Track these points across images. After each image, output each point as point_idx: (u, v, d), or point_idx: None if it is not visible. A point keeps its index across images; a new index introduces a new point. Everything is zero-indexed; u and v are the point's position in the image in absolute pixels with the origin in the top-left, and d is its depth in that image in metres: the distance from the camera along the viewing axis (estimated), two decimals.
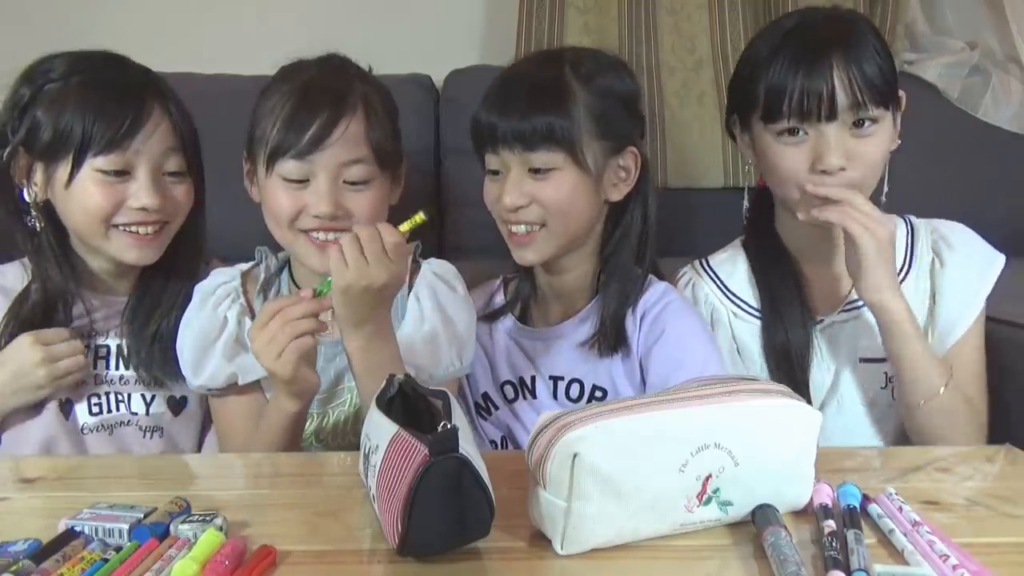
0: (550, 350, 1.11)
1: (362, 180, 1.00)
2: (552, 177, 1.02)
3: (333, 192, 0.99)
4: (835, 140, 1.01)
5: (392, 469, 0.58)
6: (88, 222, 1.04)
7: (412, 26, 1.77)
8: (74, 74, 1.03)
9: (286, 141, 0.97)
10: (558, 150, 1.01)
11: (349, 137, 0.98)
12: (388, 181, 1.05)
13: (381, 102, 1.04)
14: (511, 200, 1.03)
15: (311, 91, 0.99)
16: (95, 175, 1.01)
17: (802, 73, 1.00)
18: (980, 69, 1.61)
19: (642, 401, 0.63)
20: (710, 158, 1.62)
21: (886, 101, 1.01)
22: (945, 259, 1.10)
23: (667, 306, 1.07)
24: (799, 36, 1.04)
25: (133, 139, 1.02)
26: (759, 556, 0.60)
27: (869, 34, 1.03)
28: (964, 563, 0.56)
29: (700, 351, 1.04)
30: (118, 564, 0.57)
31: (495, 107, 1.03)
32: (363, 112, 1.00)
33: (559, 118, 1.00)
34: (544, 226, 1.04)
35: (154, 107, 1.05)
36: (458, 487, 0.57)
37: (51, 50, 1.07)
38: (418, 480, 0.55)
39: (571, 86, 1.02)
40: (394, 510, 0.57)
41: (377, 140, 1.00)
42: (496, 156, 1.04)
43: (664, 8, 1.67)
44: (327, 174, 0.98)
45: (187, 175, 1.09)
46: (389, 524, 0.59)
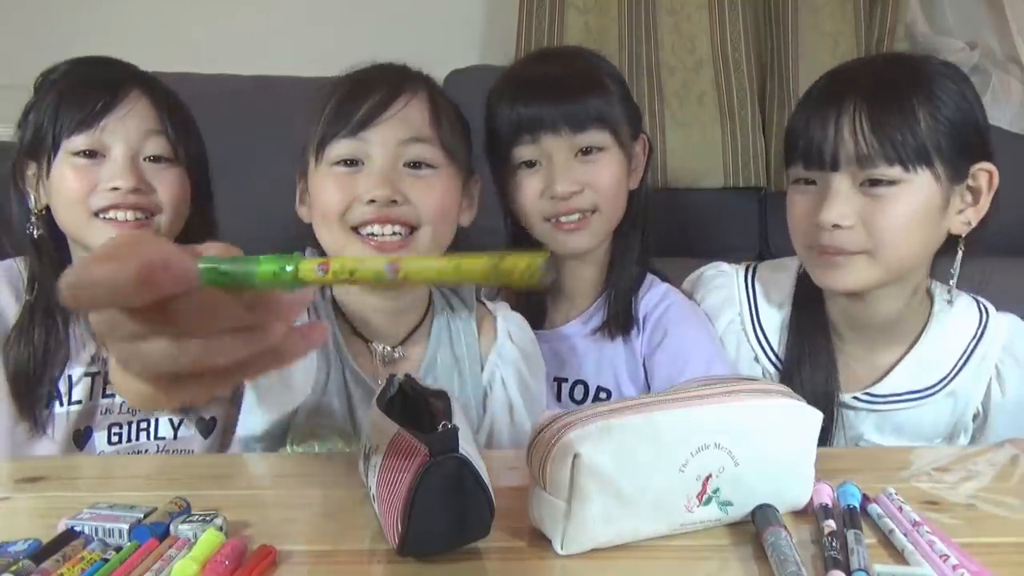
0: (555, 352, 1.10)
1: (426, 163, 0.88)
2: (602, 159, 1.01)
3: (390, 173, 0.85)
4: (836, 193, 0.90)
5: (392, 469, 0.58)
6: (68, 209, 1.00)
7: (412, 26, 1.77)
8: (65, 74, 1.03)
9: (338, 118, 0.86)
10: (605, 130, 1.00)
11: (412, 112, 0.87)
12: (458, 181, 0.92)
13: (450, 104, 0.95)
14: (565, 186, 0.99)
15: (367, 74, 0.90)
16: (69, 159, 0.99)
17: (813, 114, 0.92)
18: (980, 69, 1.61)
19: (642, 401, 0.63)
20: (710, 158, 1.63)
21: (909, 162, 0.88)
22: (1007, 386, 0.99)
23: (668, 308, 1.07)
24: (832, 74, 0.97)
25: (105, 118, 0.99)
26: (759, 556, 0.60)
27: (929, 83, 0.90)
28: (964, 563, 0.56)
29: (704, 353, 1.04)
30: (118, 564, 0.57)
31: (534, 95, 0.99)
32: (428, 94, 0.90)
33: (604, 100, 1.00)
34: (595, 211, 1.02)
35: (132, 89, 1.01)
36: (458, 487, 0.57)
37: (50, 50, 1.07)
38: (418, 480, 0.55)
39: (601, 73, 1.03)
40: (394, 510, 0.57)
41: (444, 124, 0.90)
42: (535, 146, 1.00)
43: (664, 8, 1.67)
44: (384, 152, 0.86)
45: (174, 162, 1.04)
46: (389, 524, 0.59)
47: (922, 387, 1.00)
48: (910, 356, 1.01)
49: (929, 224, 0.91)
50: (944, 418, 1.01)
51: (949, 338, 1.01)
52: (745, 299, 1.08)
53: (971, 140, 0.91)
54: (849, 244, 0.91)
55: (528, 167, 1.02)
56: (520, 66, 1.09)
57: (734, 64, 1.69)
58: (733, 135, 1.68)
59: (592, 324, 1.09)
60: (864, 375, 1.02)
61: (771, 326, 1.06)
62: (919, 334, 1.01)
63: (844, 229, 0.90)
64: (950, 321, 1.01)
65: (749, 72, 1.70)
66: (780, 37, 1.69)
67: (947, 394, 1.00)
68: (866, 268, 0.92)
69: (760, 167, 1.69)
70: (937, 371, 1.00)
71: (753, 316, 1.07)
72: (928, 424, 1.01)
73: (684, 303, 1.09)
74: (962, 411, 1.01)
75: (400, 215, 0.86)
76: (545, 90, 1.00)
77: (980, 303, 1.03)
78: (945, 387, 1.00)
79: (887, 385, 1.01)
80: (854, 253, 0.91)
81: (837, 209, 0.90)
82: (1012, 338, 1.01)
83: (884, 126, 0.88)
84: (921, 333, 1.01)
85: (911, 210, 0.89)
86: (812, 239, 0.94)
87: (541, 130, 0.99)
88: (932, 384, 1.00)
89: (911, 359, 1.00)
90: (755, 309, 1.07)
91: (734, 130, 1.68)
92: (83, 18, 1.76)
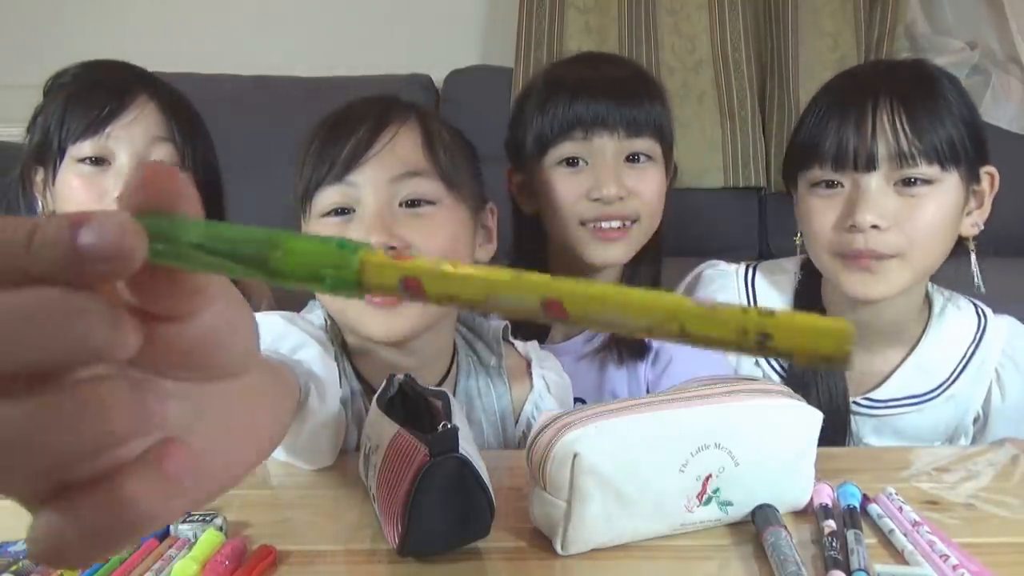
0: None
1: (425, 200, 0.77)
2: (648, 168, 0.98)
3: (384, 218, 0.74)
4: (872, 193, 0.87)
5: (392, 469, 0.58)
6: None
7: (412, 26, 1.77)
8: (74, 77, 1.03)
9: (321, 165, 0.76)
10: (657, 141, 0.98)
11: (400, 144, 0.77)
12: (465, 214, 0.81)
13: (449, 130, 0.84)
14: (613, 190, 0.93)
15: (348, 111, 0.80)
16: (75, 166, 0.98)
17: (839, 115, 0.89)
18: (980, 69, 1.61)
19: (642, 401, 0.63)
20: (710, 158, 1.63)
21: (946, 161, 0.87)
22: (1007, 391, 0.98)
23: None
24: (849, 75, 0.95)
25: (111, 124, 0.98)
26: (759, 556, 0.60)
27: (943, 87, 0.90)
28: (964, 563, 0.56)
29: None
30: (118, 564, 0.57)
31: (596, 90, 0.95)
32: (418, 123, 0.79)
33: (661, 109, 0.98)
34: (636, 221, 0.97)
35: (139, 94, 1.00)
36: (458, 487, 0.57)
37: (52, 51, 1.08)
38: (418, 480, 0.55)
39: (653, 81, 1.01)
40: (394, 510, 0.57)
41: (442, 153, 0.79)
42: (585, 143, 0.95)
43: (664, 8, 1.68)
44: (376, 196, 0.75)
45: (180, 169, 1.02)
46: (389, 524, 0.59)
47: (922, 392, 1.00)
48: (909, 361, 1.00)
49: (953, 226, 0.91)
50: (944, 422, 1.00)
51: (948, 342, 1.00)
52: (745, 301, 1.06)
53: (982, 142, 0.91)
54: (885, 246, 0.88)
55: (569, 165, 0.97)
56: (567, 67, 1.03)
57: (734, 64, 1.69)
58: (733, 135, 1.68)
59: (595, 342, 1.03)
60: (864, 380, 1.01)
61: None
62: (918, 339, 1.01)
63: (880, 231, 0.88)
64: (949, 325, 1.00)
65: (749, 72, 1.70)
66: (780, 37, 1.69)
67: (947, 398, 0.99)
68: (898, 273, 0.90)
69: (760, 167, 1.69)
70: (937, 375, 1.00)
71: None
72: (928, 428, 1.00)
73: None
74: (962, 415, 1.00)
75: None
76: (608, 90, 0.96)
77: (978, 307, 1.02)
78: (945, 391, 0.99)
79: (887, 390, 1.00)
80: (888, 256, 0.89)
81: (875, 209, 0.87)
82: (1012, 341, 1.00)
83: (923, 123, 0.86)
84: (920, 338, 1.00)
85: (943, 211, 0.88)
86: (842, 246, 0.90)
87: (597, 127, 0.94)
88: (932, 389, 1.00)
89: (910, 364, 1.00)
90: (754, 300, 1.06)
91: (734, 130, 1.68)
92: (84, 19, 1.76)
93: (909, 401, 1.00)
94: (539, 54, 1.65)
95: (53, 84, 1.04)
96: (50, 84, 1.05)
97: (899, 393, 1.00)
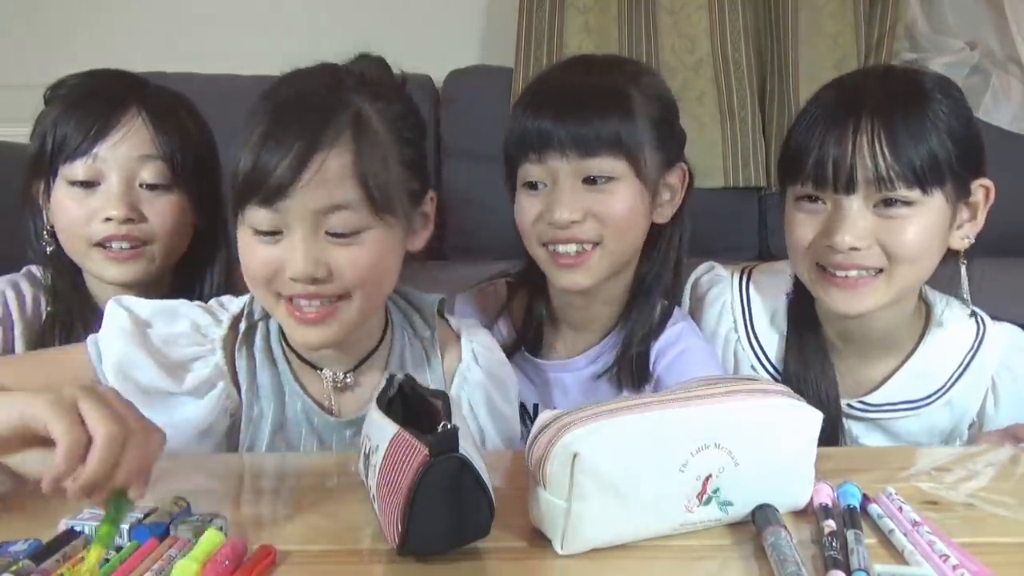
0: (555, 383, 1.04)
1: (349, 232, 0.77)
2: (611, 188, 0.92)
3: (311, 248, 0.76)
4: (852, 215, 0.88)
5: (392, 469, 0.58)
6: (68, 238, 1.01)
7: (412, 26, 1.77)
8: (70, 88, 1.03)
9: (251, 183, 0.76)
10: (620, 157, 0.91)
11: (329, 176, 0.75)
12: (392, 228, 0.81)
13: (388, 124, 0.81)
14: (566, 214, 0.90)
15: (285, 114, 0.78)
16: (67, 188, 0.99)
17: (824, 133, 0.88)
18: (980, 69, 1.62)
19: (642, 401, 0.63)
20: (710, 158, 1.63)
21: (927, 183, 0.86)
22: (1000, 400, 0.98)
23: (683, 354, 0.99)
24: (837, 86, 0.94)
25: (99, 144, 0.98)
26: (759, 556, 0.60)
27: (932, 102, 0.89)
28: (964, 563, 0.56)
29: None
30: (118, 564, 0.57)
31: (547, 111, 0.91)
32: (351, 140, 0.77)
33: (624, 123, 0.91)
34: (598, 244, 0.93)
35: (128, 108, 0.99)
36: (458, 487, 0.57)
37: (52, 51, 1.08)
38: (418, 480, 0.55)
39: (631, 91, 0.93)
40: (394, 510, 0.57)
41: (372, 178, 0.77)
42: (541, 166, 0.92)
43: (664, 8, 1.68)
44: (302, 225, 0.76)
45: (172, 189, 1.02)
46: (389, 524, 0.59)
47: (917, 397, 1.00)
48: (906, 367, 1.00)
49: (938, 242, 0.91)
50: (940, 427, 1.00)
51: (946, 349, 1.00)
52: (740, 307, 1.06)
53: (974, 156, 0.91)
54: (865, 261, 0.89)
55: (531, 188, 0.94)
56: (546, 77, 1.00)
57: (734, 64, 1.69)
58: (733, 135, 1.68)
59: (599, 364, 1.01)
60: (859, 384, 1.01)
61: (765, 334, 1.04)
62: (915, 346, 1.00)
63: (859, 251, 0.88)
64: (947, 333, 1.00)
65: (749, 72, 1.70)
66: (780, 37, 1.69)
67: (943, 404, 0.99)
68: (879, 290, 0.90)
69: (760, 167, 1.69)
70: (933, 382, 1.00)
71: (747, 325, 1.05)
72: (923, 433, 1.01)
73: (701, 348, 1.01)
74: (958, 421, 1.00)
75: (326, 290, 0.78)
76: (557, 105, 0.91)
77: (977, 314, 1.02)
78: (941, 398, 0.99)
79: (882, 395, 1.00)
80: (870, 270, 0.90)
81: (853, 231, 0.88)
82: (1009, 350, 1.00)
83: (903, 147, 0.86)
84: (917, 345, 1.00)
85: (925, 230, 0.88)
86: (822, 259, 0.91)
87: (547, 150, 0.91)
88: (928, 395, 1.00)
89: (907, 370, 1.00)
90: (749, 318, 1.05)
91: (734, 130, 1.68)
92: (85, 20, 1.76)
93: (905, 406, 1.00)
94: (539, 54, 1.65)
95: (52, 95, 1.04)
96: (49, 94, 1.05)
97: (895, 398, 1.00)
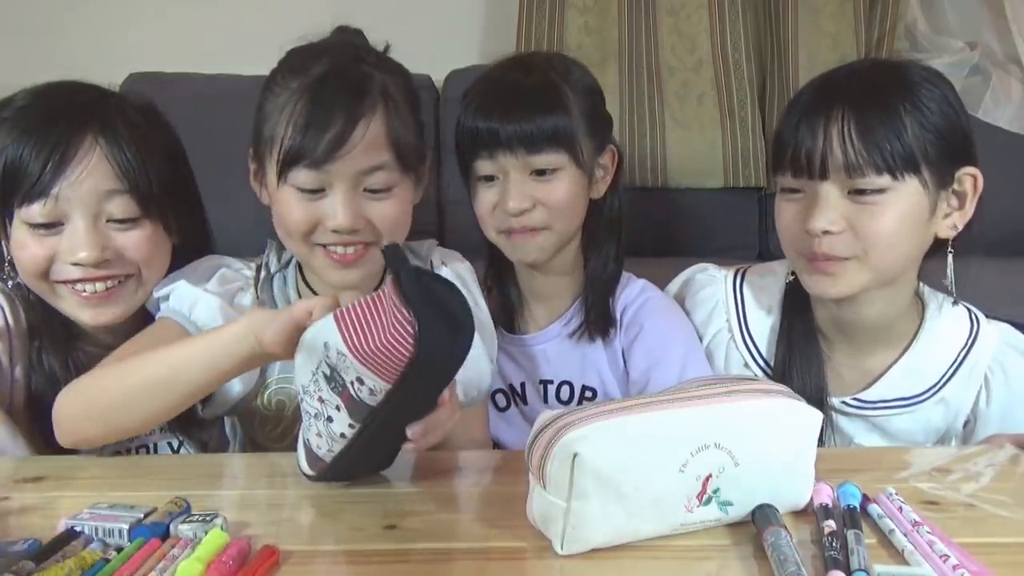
0: (539, 354, 1.11)
1: (384, 188, 0.91)
2: (555, 178, 1.02)
3: (353, 203, 0.89)
4: (825, 201, 0.91)
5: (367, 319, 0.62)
6: (29, 280, 0.93)
7: (412, 26, 1.77)
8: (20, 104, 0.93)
9: (299, 149, 0.87)
10: (561, 151, 1.01)
11: (369, 141, 0.88)
12: (412, 183, 0.96)
13: (403, 93, 0.94)
14: (516, 204, 1.01)
15: (325, 89, 0.89)
16: (27, 228, 0.90)
17: (801, 123, 0.93)
18: (980, 69, 1.61)
19: (642, 401, 0.63)
20: (710, 158, 1.63)
21: (898, 171, 0.89)
22: (992, 396, 0.99)
23: (645, 303, 1.09)
24: (818, 81, 0.97)
25: (57, 184, 0.88)
26: (759, 556, 0.60)
27: (912, 92, 0.91)
28: (964, 563, 0.56)
29: (680, 347, 1.05)
30: (120, 564, 0.57)
31: (493, 112, 1.01)
32: (383, 110, 0.90)
33: (562, 119, 1.00)
34: (546, 228, 1.04)
35: (83, 139, 0.90)
36: (431, 288, 0.63)
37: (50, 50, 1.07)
38: (402, 289, 0.61)
39: (562, 87, 1.03)
40: (397, 329, 0.60)
41: (400, 140, 0.91)
42: (492, 162, 1.02)
43: (664, 8, 1.68)
44: (346, 184, 0.88)
45: (143, 220, 0.94)
46: (388, 363, 0.61)
47: (912, 394, 1.00)
48: (900, 363, 1.00)
49: (916, 229, 0.92)
50: (934, 425, 1.00)
51: (940, 346, 1.00)
52: (733, 306, 1.08)
53: (957, 145, 0.92)
54: (839, 249, 0.92)
55: (487, 181, 1.04)
56: (488, 79, 1.08)
57: (734, 64, 1.69)
58: (733, 135, 1.68)
59: (571, 326, 1.10)
60: (854, 381, 1.02)
61: (759, 332, 1.06)
62: (910, 341, 1.01)
63: (834, 235, 0.91)
64: (941, 329, 1.00)
65: (749, 72, 1.70)
66: (780, 37, 1.69)
67: (937, 401, 0.99)
68: (856, 273, 0.93)
69: (760, 167, 1.68)
70: (927, 379, 1.00)
71: (741, 323, 1.07)
72: (918, 431, 1.01)
73: (660, 298, 1.11)
74: (952, 419, 1.00)
75: (361, 238, 0.91)
76: (502, 106, 1.01)
77: (971, 312, 1.02)
78: (935, 395, 0.99)
79: (877, 391, 1.00)
80: (845, 259, 0.92)
81: (826, 216, 0.91)
82: (1002, 348, 1.00)
83: (872, 135, 0.88)
84: (912, 340, 1.01)
85: (898, 216, 0.90)
86: (802, 246, 0.95)
87: (497, 148, 1.00)
88: (922, 392, 1.00)
89: (901, 366, 1.00)
90: (743, 315, 1.07)
91: (734, 130, 1.68)
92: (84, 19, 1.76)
93: (899, 403, 1.00)
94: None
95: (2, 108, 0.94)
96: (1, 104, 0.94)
97: (889, 395, 1.00)
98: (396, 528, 0.65)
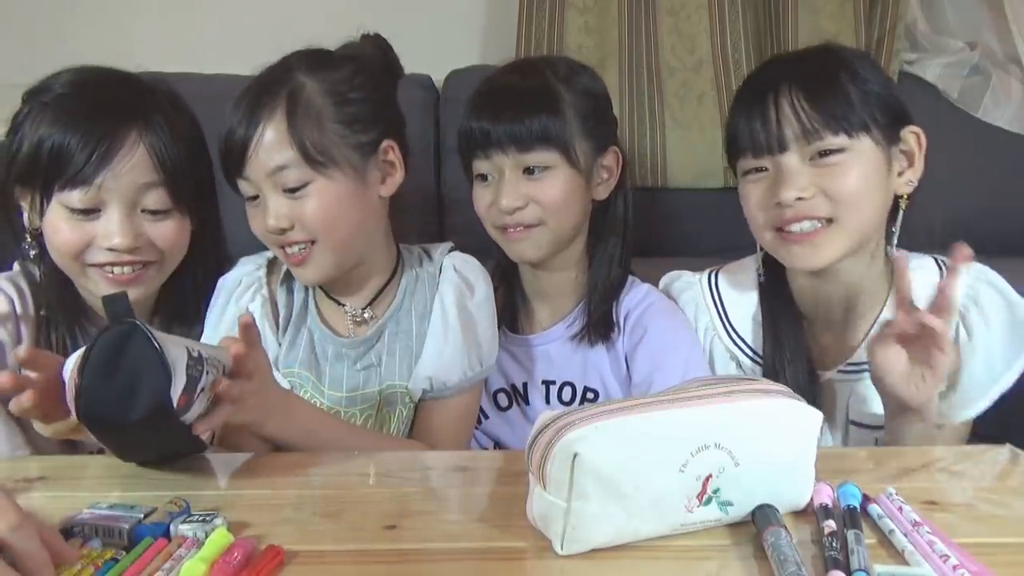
0: (541, 355, 1.13)
1: (295, 186, 0.92)
2: (547, 177, 1.04)
3: (273, 206, 0.93)
4: (790, 171, 0.96)
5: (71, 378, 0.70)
6: (61, 259, 0.98)
7: (412, 26, 1.77)
8: (63, 91, 0.96)
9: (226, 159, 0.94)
10: (552, 150, 1.03)
11: (268, 141, 0.92)
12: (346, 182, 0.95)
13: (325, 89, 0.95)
14: (509, 202, 1.04)
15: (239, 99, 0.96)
16: (63, 211, 0.95)
17: (753, 106, 0.99)
18: (980, 69, 1.61)
19: (642, 401, 0.63)
20: (710, 158, 1.62)
21: (851, 128, 0.96)
22: (973, 330, 1.01)
23: (649, 308, 1.10)
24: (758, 72, 1.07)
25: (101, 174, 0.93)
26: (759, 556, 0.60)
27: (848, 64, 0.98)
28: (964, 563, 0.56)
29: (682, 350, 1.07)
30: (128, 564, 0.57)
31: (486, 113, 1.05)
32: (284, 108, 0.92)
33: (552, 119, 1.03)
34: (540, 225, 1.06)
35: (129, 133, 0.95)
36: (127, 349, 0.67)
37: (49, 50, 1.07)
38: (93, 341, 0.67)
39: (557, 89, 1.05)
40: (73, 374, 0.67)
41: (315, 136, 0.92)
42: (487, 161, 1.06)
43: (664, 8, 1.67)
44: (264, 187, 0.94)
45: (173, 211, 1.00)
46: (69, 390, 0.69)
47: None
48: (879, 320, 1.03)
49: (880, 186, 0.98)
50: None
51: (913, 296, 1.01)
52: (713, 304, 1.13)
53: (896, 107, 0.99)
54: (813, 211, 0.96)
55: (483, 180, 1.08)
56: (488, 82, 1.12)
57: (734, 64, 1.69)
58: None
59: (574, 328, 1.12)
60: (845, 351, 1.06)
61: (742, 324, 1.10)
62: (884, 300, 1.05)
63: (806, 200, 0.96)
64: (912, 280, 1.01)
65: (749, 72, 1.70)
66: (780, 37, 1.69)
67: None
68: (833, 239, 0.97)
69: None
70: None
71: (723, 319, 1.12)
72: None
73: (664, 302, 1.13)
74: None
75: (295, 238, 0.95)
76: (495, 108, 1.05)
77: (938, 259, 1.06)
78: None
79: (862, 353, 1.03)
80: (821, 220, 0.96)
81: (795, 183, 0.96)
82: (974, 283, 1.02)
83: (823, 100, 0.95)
84: (888, 296, 1.04)
85: (862, 175, 0.96)
86: (775, 220, 0.99)
87: (491, 147, 1.04)
88: None
89: (880, 322, 1.02)
90: (724, 311, 1.12)
91: None
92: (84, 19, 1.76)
93: None
94: (539, 54, 1.65)
95: (33, 100, 0.97)
96: (28, 97, 0.98)
97: None
98: (396, 528, 0.65)
